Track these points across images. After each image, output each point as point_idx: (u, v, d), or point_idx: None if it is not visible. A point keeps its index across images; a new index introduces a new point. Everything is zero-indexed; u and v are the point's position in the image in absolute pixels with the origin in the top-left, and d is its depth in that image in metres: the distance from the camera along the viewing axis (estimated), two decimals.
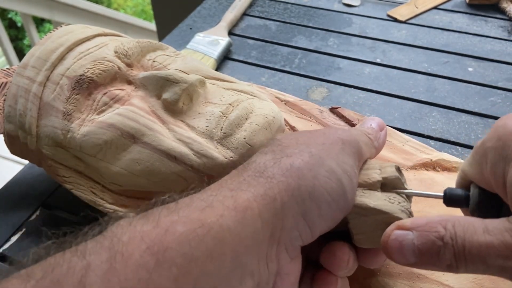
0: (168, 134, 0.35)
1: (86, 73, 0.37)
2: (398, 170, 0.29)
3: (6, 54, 2.15)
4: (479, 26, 0.72)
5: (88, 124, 0.36)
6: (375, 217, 0.27)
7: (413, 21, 0.74)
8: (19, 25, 3.40)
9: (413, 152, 0.42)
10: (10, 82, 0.40)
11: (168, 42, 0.69)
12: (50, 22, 3.07)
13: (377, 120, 0.34)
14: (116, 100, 0.36)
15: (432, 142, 0.51)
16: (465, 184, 0.28)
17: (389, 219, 0.27)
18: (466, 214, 0.29)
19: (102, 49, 0.39)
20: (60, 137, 0.36)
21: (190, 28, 0.73)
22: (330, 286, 0.28)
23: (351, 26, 0.73)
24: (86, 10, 1.83)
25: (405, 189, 0.29)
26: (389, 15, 0.75)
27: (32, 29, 2.00)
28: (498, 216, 0.24)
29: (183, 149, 0.34)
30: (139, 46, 0.40)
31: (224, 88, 0.39)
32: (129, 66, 0.39)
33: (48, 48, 0.39)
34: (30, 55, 0.39)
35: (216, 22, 0.73)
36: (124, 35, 0.44)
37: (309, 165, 0.26)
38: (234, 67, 0.65)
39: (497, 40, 0.69)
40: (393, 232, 0.25)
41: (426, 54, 0.66)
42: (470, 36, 0.70)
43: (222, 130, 0.35)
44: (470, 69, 0.63)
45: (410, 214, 0.28)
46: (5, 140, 0.41)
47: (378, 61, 0.65)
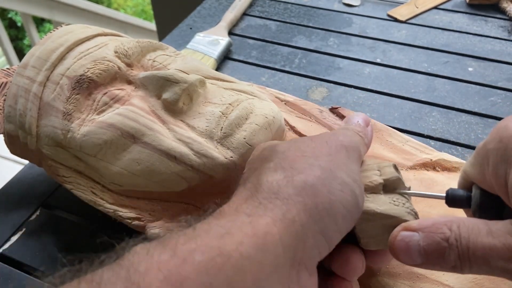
0: (168, 134, 0.35)
1: (86, 73, 0.37)
2: (396, 168, 0.29)
3: (6, 54, 2.15)
4: (479, 26, 0.72)
5: (88, 124, 0.36)
6: (382, 221, 0.27)
7: (413, 21, 0.74)
8: (19, 25, 3.40)
9: (413, 152, 0.42)
10: (10, 82, 0.40)
11: (168, 42, 0.69)
12: (50, 22, 3.08)
13: (362, 116, 0.34)
14: (116, 100, 0.36)
15: (432, 142, 0.51)
16: (467, 185, 0.28)
17: (396, 222, 0.27)
18: (468, 215, 0.29)
19: (102, 49, 0.39)
20: (60, 137, 0.36)
21: (190, 28, 0.73)
22: None
23: (351, 26, 0.73)
24: (86, 10, 1.83)
25: (406, 188, 0.29)
26: (389, 15, 0.75)
27: (32, 29, 2.00)
28: (500, 217, 0.24)
29: (183, 149, 0.34)
30: (139, 46, 0.40)
31: (224, 88, 0.39)
32: (129, 66, 0.39)
33: (48, 48, 0.39)
34: (30, 55, 0.39)
35: (216, 22, 0.73)
36: (124, 35, 0.44)
37: (322, 180, 0.25)
38: (234, 67, 0.65)
39: (497, 40, 0.69)
40: (399, 233, 0.25)
41: (426, 54, 0.66)
42: (470, 36, 0.70)
43: (222, 130, 0.35)
44: (470, 69, 0.63)
45: (416, 215, 0.28)
46: (5, 140, 0.41)
47: (378, 61, 0.65)
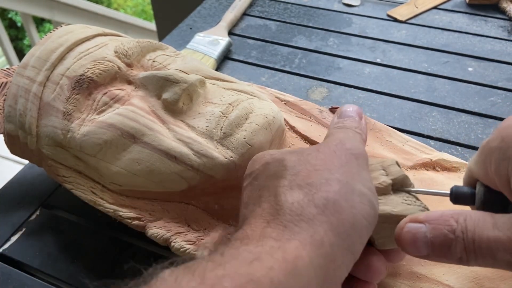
0: (168, 134, 0.35)
1: (86, 73, 0.37)
2: (398, 165, 0.30)
3: (6, 54, 2.15)
4: (479, 26, 0.72)
5: (88, 124, 0.36)
6: (397, 221, 0.27)
7: (413, 21, 0.74)
8: (19, 25, 3.40)
9: (413, 152, 0.42)
10: (10, 82, 0.40)
11: (168, 42, 0.69)
12: (50, 22, 3.07)
13: (355, 108, 0.33)
14: (116, 100, 0.36)
15: (432, 142, 0.51)
16: (471, 182, 0.28)
17: None
18: None
19: (102, 49, 0.39)
20: (60, 137, 0.36)
21: (190, 28, 0.73)
22: None
23: (351, 26, 0.73)
24: (86, 10, 1.83)
25: (412, 185, 0.29)
26: (389, 15, 0.75)
27: (32, 29, 2.00)
28: (505, 213, 0.24)
29: (183, 149, 0.34)
30: (139, 46, 0.40)
31: (224, 88, 0.39)
32: (129, 66, 0.39)
33: (48, 48, 0.39)
34: (30, 55, 0.39)
35: (216, 22, 0.73)
36: (124, 35, 0.44)
37: (342, 194, 0.25)
38: (234, 67, 0.65)
39: (497, 40, 0.69)
40: (406, 225, 0.26)
41: (426, 54, 0.66)
42: (470, 36, 0.70)
43: (222, 130, 0.35)
44: (470, 69, 0.63)
45: (428, 209, 0.28)
46: (5, 140, 0.41)
47: (378, 61, 0.65)
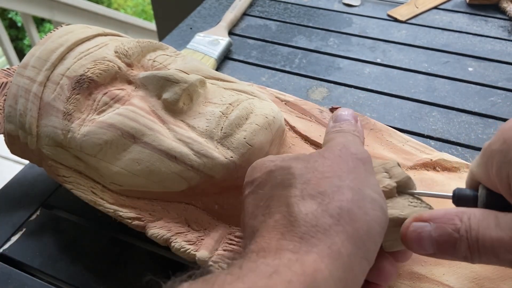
0: (168, 134, 0.35)
1: (86, 73, 0.37)
2: (399, 166, 0.30)
3: (6, 54, 2.15)
4: (479, 26, 0.72)
5: (88, 124, 0.36)
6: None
7: (413, 21, 0.74)
8: (19, 25, 3.40)
9: (413, 152, 0.42)
10: (11, 82, 0.40)
11: (168, 42, 0.69)
12: (50, 22, 3.07)
13: (350, 112, 0.33)
14: (116, 100, 0.36)
15: (432, 142, 0.51)
16: (474, 184, 0.28)
17: None
18: None
19: (102, 49, 0.39)
20: (60, 137, 0.36)
21: (190, 28, 0.73)
22: None
23: (351, 26, 0.73)
24: (86, 10, 1.83)
25: (415, 186, 0.29)
26: (389, 15, 0.75)
27: (32, 29, 2.00)
28: None
29: (183, 149, 0.34)
30: (139, 46, 0.40)
31: (224, 88, 0.39)
32: (129, 66, 0.39)
33: (48, 48, 0.39)
34: (31, 55, 0.39)
35: (216, 22, 0.73)
36: (124, 35, 0.44)
37: (355, 202, 0.25)
38: (234, 67, 0.65)
39: (497, 40, 0.69)
40: (411, 224, 0.26)
41: (426, 54, 0.66)
42: (470, 36, 0.70)
43: (222, 130, 0.35)
44: (470, 69, 0.63)
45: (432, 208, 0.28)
46: (5, 140, 0.41)
47: (378, 61, 0.65)
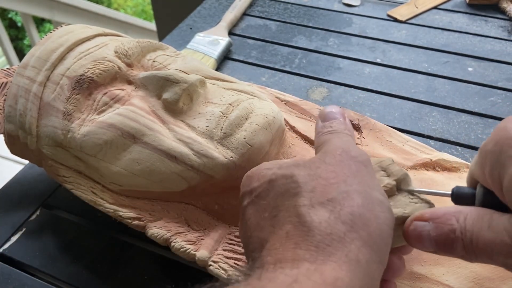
0: (168, 134, 0.35)
1: (86, 73, 0.37)
2: (394, 162, 0.30)
3: (6, 54, 2.15)
4: (479, 26, 0.72)
5: (88, 124, 0.36)
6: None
7: (413, 21, 0.74)
8: (19, 25, 3.40)
9: (413, 152, 0.42)
10: (11, 82, 0.40)
11: (168, 42, 0.69)
12: (50, 22, 3.07)
13: (337, 110, 0.33)
14: (116, 100, 0.36)
15: (432, 142, 0.51)
16: (473, 183, 0.28)
17: None
18: None
19: (102, 49, 0.39)
20: (60, 137, 0.36)
21: (190, 28, 0.73)
22: None
23: (351, 26, 0.73)
24: (86, 10, 1.83)
25: (412, 184, 0.29)
26: (389, 15, 0.75)
27: (32, 29, 2.00)
28: None
29: (183, 149, 0.34)
30: (139, 46, 0.40)
31: (224, 88, 0.39)
32: (129, 66, 0.39)
33: (48, 48, 0.39)
34: (31, 55, 0.39)
35: (216, 22, 0.74)
36: (124, 35, 0.44)
37: (365, 206, 0.25)
38: (234, 67, 0.65)
39: (497, 40, 0.69)
40: (412, 223, 0.26)
41: (426, 54, 0.66)
42: (470, 36, 0.70)
43: (222, 130, 0.35)
44: (470, 69, 0.63)
45: (433, 205, 0.28)
46: (5, 140, 0.41)
47: (378, 61, 0.65)
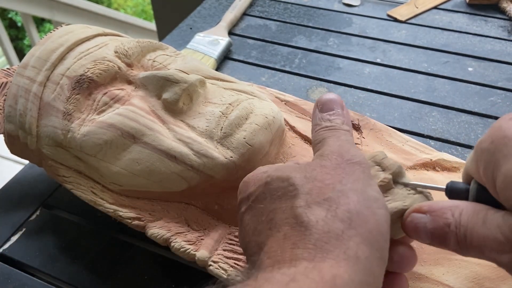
0: (168, 134, 0.35)
1: (86, 73, 0.37)
2: (386, 156, 0.30)
3: (6, 54, 2.15)
4: (479, 26, 0.72)
5: (88, 124, 0.36)
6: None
7: (413, 21, 0.74)
8: (19, 25, 3.40)
9: (413, 152, 0.42)
10: (10, 82, 0.40)
11: (168, 42, 0.69)
12: (50, 22, 3.08)
13: (337, 100, 0.32)
14: (116, 100, 0.36)
15: (432, 142, 0.51)
16: (468, 179, 0.28)
17: None
18: None
19: (102, 49, 0.39)
20: (60, 137, 0.36)
21: (190, 28, 0.73)
22: (405, 285, 0.29)
23: (351, 26, 0.73)
24: (86, 10, 1.83)
25: (409, 179, 0.29)
26: (389, 15, 0.75)
27: (32, 29, 2.00)
28: None
29: (183, 149, 0.34)
30: (139, 46, 0.40)
31: (224, 88, 0.39)
32: (129, 66, 0.39)
33: (48, 48, 0.39)
34: (30, 55, 0.39)
35: (216, 22, 0.74)
36: (124, 35, 0.44)
37: (361, 203, 0.25)
38: (234, 67, 0.65)
39: (497, 40, 0.69)
40: (410, 215, 0.27)
41: (426, 54, 0.66)
42: (470, 36, 0.70)
43: (222, 130, 0.35)
44: (470, 69, 0.63)
45: (431, 196, 0.29)
46: (5, 140, 0.41)
47: (378, 61, 0.65)
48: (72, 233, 0.42)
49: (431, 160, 0.41)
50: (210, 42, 0.65)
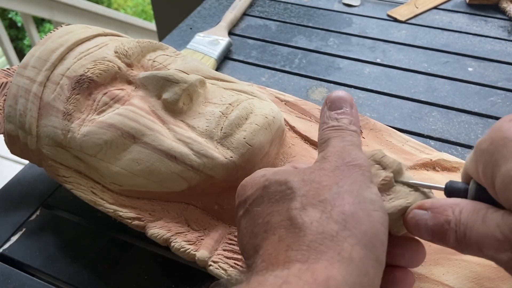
0: (168, 134, 0.35)
1: (86, 73, 0.37)
2: (386, 154, 0.30)
3: (6, 54, 2.15)
4: (479, 26, 0.72)
5: (88, 124, 0.36)
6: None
7: (413, 21, 0.74)
8: (19, 25, 3.40)
9: (413, 152, 0.42)
10: (10, 82, 0.40)
11: (168, 42, 0.69)
12: (50, 22, 3.07)
13: (347, 98, 0.32)
14: (116, 100, 0.37)
15: (432, 142, 0.51)
16: (467, 179, 0.28)
17: None
18: None
19: (102, 49, 0.39)
20: (60, 137, 0.37)
21: (190, 28, 0.73)
22: (411, 280, 0.29)
23: (351, 26, 0.73)
24: (86, 10, 1.83)
25: (409, 176, 0.29)
26: (389, 15, 0.75)
27: (32, 29, 2.00)
28: None
29: (183, 149, 0.34)
30: (139, 46, 0.40)
31: (224, 88, 0.39)
32: (129, 66, 0.39)
33: (48, 48, 0.39)
34: (31, 55, 0.39)
35: (216, 22, 0.74)
36: (124, 35, 0.44)
37: (357, 205, 0.24)
38: (234, 67, 0.65)
39: (497, 40, 0.69)
40: (412, 211, 0.27)
41: (426, 54, 0.66)
42: (470, 36, 0.70)
43: (222, 130, 0.35)
44: (470, 69, 0.63)
45: (432, 193, 0.29)
46: (5, 140, 0.41)
47: (378, 61, 0.65)
48: (72, 233, 0.42)
49: (431, 160, 0.41)
50: (210, 42, 0.65)
